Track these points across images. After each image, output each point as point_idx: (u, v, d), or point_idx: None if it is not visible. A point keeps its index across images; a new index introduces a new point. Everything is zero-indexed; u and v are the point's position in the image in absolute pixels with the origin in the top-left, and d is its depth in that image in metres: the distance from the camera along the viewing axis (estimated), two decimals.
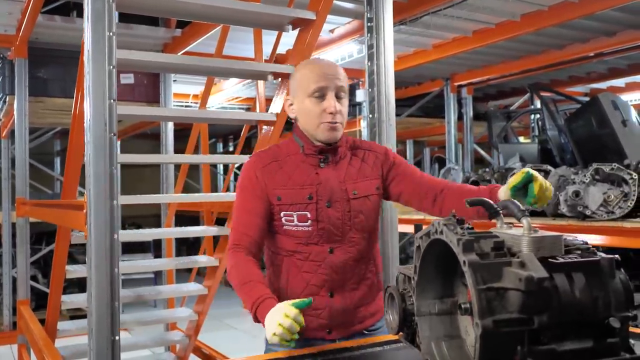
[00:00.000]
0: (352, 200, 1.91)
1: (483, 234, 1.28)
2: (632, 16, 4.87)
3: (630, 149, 5.58)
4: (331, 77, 1.89)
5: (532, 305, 1.15)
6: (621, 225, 3.99)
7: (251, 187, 1.90)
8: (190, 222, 5.35)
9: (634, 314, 1.28)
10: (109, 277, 1.96)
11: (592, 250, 1.33)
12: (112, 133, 2.00)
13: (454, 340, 1.42)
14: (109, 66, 2.01)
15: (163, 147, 5.38)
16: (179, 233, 3.74)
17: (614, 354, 1.22)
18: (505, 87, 8.71)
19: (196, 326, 4.05)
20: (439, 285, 1.46)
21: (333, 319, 1.89)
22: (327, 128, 1.88)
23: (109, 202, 1.98)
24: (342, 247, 1.89)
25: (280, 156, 1.95)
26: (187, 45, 4.92)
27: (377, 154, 2.02)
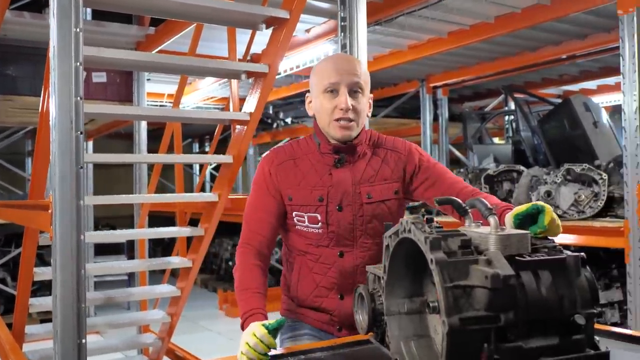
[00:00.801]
0: (365, 205, 1.85)
1: (451, 232, 1.28)
2: (603, 19, 4.94)
3: (601, 150, 5.67)
4: (345, 72, 1.82)
5: (498, 303, 1.15)
6: (591, 224, 4.05)
7: (265, 184, 1.90)
8: (165, 223, 5.30)
9: (599, 311, 1.28)
10: (75, 278, 1.92)
11: (558, 249, 1.33)
12: (78, 131, 1.96)
13: (423, 339, 1.42)
14: (76, 63, 1.97)
15: (136, 147, 5.31)
16: (152, 234, 3.69)
17: (580, 351, 1.23)
18: (480, 89, 8.78)
19: (169, 328, 4.00)
20: (408, 284, 1.46)
21: (344, 319, 1.88)
22: (339, 126, 1.82)
23: (75, 202, 1.94)
24: (352, 252, 1.85)
25: (297, 154, 1.92)
26: (161, 44, 4.86)
27: (400, 155, 1.92)
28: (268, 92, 3.16)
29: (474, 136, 7.72)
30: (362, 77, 1.86)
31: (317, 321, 1.92)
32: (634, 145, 3.72)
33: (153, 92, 7.58)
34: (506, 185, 5.13)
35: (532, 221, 1.47)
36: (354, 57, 1.96)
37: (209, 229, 3.54)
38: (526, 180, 4.76)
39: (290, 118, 8.88)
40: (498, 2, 4.49)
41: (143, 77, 5.32)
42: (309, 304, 1.92)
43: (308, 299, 1.91)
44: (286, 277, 2.00)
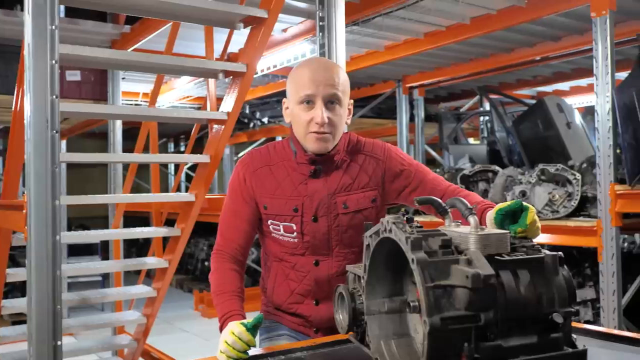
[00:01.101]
0: (341, 215, 1.82)
1: (431, 232, 1.28)
2: (576, 22, 5.01)
3: (574, 150, 5.76)
4: (321, 83, 1.75)
5: (478, 302, 1.16)
6: (565, 224, 4.11)
7: (239, 190, 1.87)
8: (139, 223, 5.24)
9: (576, 309, 1.30)
10: (51, 279, 1.88)
11: (536, 248, 1.35)
12: (54, 130, 1.92)
13: (403, 339, 1.42)
14: (51, 61, 1.94)
15: (111, 146, 5.24)
16: (127, 234, 3.65)
17: (558, 349, 1.25)
18: (456, 89, 8.85)
19: (145, 329, 3.97)
20: (389, 284, 1.46)
21: (320, 323, 1.88)
22: (314, 139, 1.77)
23: (51, 202, 1.91)
24: (328, 261, 1.84)
25: (273, 160, 1.87)
26: (137, 42, 4.81)
27: (379, 161, 1.87)
28: (246, 91, 3.15)
29: (449, 136, 7.78)
30: (340, 87, 1.79)
31: (293, 323, 1.93)
32: (606, 146, 3.78)
33: (128, 90, 7.49)
34: (482, 185, 5.18)
35: (513, 219, 1.47)
36: (333, 64, 1.86)
37: (185, 229, 3.52)
38: (501, 180, 4.81)
39: (267, 118, 8.85)
40: (474, 3, 4.53)
41: (118, 76, 5.25)
42: (284, 309, 1.92)
43: (284, 304, 1.90)
44: (264, 280, 2.00)
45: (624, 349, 1.56)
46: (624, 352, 1.53)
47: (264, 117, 8.78)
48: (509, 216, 1.48)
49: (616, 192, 3.77)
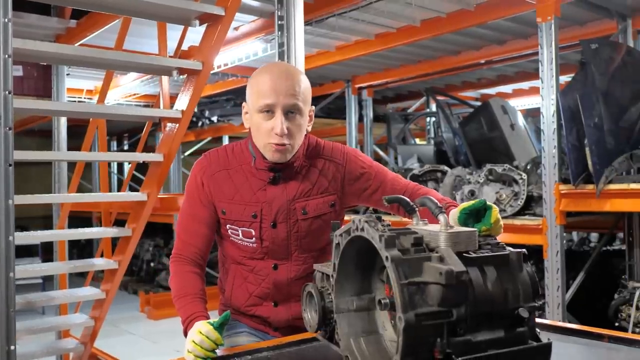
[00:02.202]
0: (300, 221, 1.81)
1: (403, 230, 1.30)
2: (522, 26, 5.18)
3: (517, 151, 5.95)
4: (282, 92, 1.71)
5: (451, 298, 1.18)
6: (512, 222, 4.24)
7: (197, 193, 1.84)
8: (81, 224, 5.08)
9: (539, 304, 1.35)
10: (4, 282, 1.81)
11: (501, 245, 1.39)
12: (7, 127, 1.85)
13: (372, 336, 1.44)
14: (4, 55, 1.86)
15: (55, 144, 5.07)
16: (78, 235, 3.55)
17: (523, 343, 1.29)
18: (403, 90, 8.99)
19: (92, 332, 3.86)
20: (357, 282, 1.47)
21: (279, 323, 1.88)
22: (273, 150, 1.74)
23: (4, 202, 1.83)
24: (287, 265, 1.83)
25: (231, 164, 1.84)
26: (83, 38, 4.68)
27: (338, 165, 1.86)
28: (201, 89, 3.11)
29: (397, 137, 7.91)
30: (301, 97, 1.75)
31: (253, 322, 1.92)
32: (551, 147, 3.93)
33: (71, 87, 7.27)
34: (431, 184, 5.28)
35: (477, 218, 1.50)
36: (294, 72, 1.81)
37: (136, 229, 3.45)
38: (450, 180, 4.92)
39: (216, 117, 8.75)
40: (425, 6, 4.61)
41: (63, 72, 5.09)
42: (243, 311, 1.91)
43: (242, 307, 1.89)
44: (222, 282, 1.98)
45: (577, 342, 1.62)
46: (578, 345, 1.60)
47: (213, 115, 8.69)
48: (473, 215, 1.52)
49: (560, 192, 3.92)
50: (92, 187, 10.56)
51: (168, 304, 7.90)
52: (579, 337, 1.67)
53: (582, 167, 3.77)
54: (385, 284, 1.41)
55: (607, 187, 3.68)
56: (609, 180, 3.67)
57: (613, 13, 4.76)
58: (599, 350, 1.55)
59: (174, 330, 1.90)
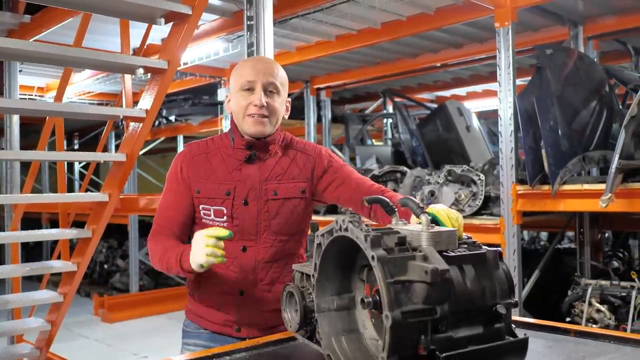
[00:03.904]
0: (271, 201, 1.89)
1: (385, 230, 1.33)
2: (479, 31, 5.30)
3: (473, 152, 6.09)
4: (261, 71, 1.88)
5: (435, 296, 1.22)
6: (471, 222, 4.34)
7: (176, 180, 1.95)
8: (30, 225, 4.95)
9: (515, 300, 1.40)
10: None
11: (477, 244, 1.43)
12: None
13: (353, 335, 1.46)
14: None
15: (7, 143, 4.92)
16: (37, 236, 3.45)
17: (501, 338, 1.33)
18: (360, 92, 9.07)
19: (49, 337, 3.76)
20: (337, 282, 1.49)
21: (240, 317, 1.91)
22: (252, 121, 1.86)
23: None
24: (255, 247, 1.89)
25: (210, 149, 1.96)
26: (38, 34, 4.56)
27: (309, 157, 1.98)
28: (166, 89, 3.08)
29: (355, 137, 7.98)
30: (279, 79, 1.92)
31: (215, 324, 1.94)
32: (509, 149, 4.04)
33: (22, 84, 7.05)
34: (390, 185, 5.35)
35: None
36: (273, 61, 2.03)
37: (97, 230, 3.38)
38: (410, 181, 5.00)
39: (174, 116, 8.63)
40: (386, 9, 4.67)
41: (15, 68, 4.94)
42: (208, 300, 1.94)
43: (208, 294, 1.94)
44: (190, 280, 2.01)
45: (545, 337, 1.69)
46: (547, 340, 1.66)
47: (171, 115, 8.57)
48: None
49: (517, 192, 4.03)
50: (42, 187, 10.26)
51: (123, 307, 7.76)
52: (546, 332, 1.74)
53: (538, 168, 3.89)
54: (366, 284, 1.44)
55: (561, 187, 3.81)
56: (563, 181, 3.80)
57: (565, 20, 4.93)
58: (567, 345, 1.61)
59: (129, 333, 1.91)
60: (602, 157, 3.99)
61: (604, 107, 4.22)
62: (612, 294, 3.99)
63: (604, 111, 4.18)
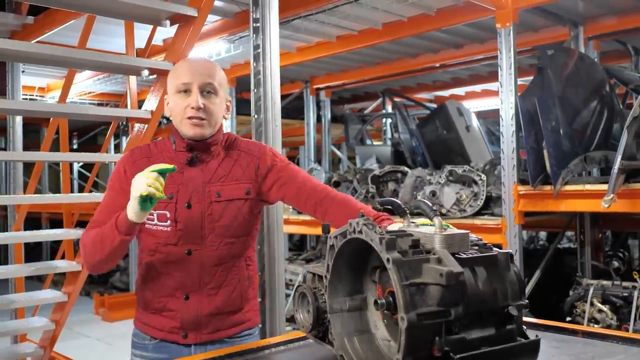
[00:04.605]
0: (214, 203, 1.86)
1: (399, 232, 1.35)
2: (479, 31, 5.33)
3: (472, 152, 6.11)
4: (197, 72, 1.84)
5: (449, 298, 1.23)
6: (472, 222, 4.37)
7: (119, 181, 1.89)
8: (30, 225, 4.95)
9: (526, 302, 1.42)
10: None
11: (488, 246, 1.45)
12: None
13: (365, 335, 1.48)
14: None
15: (10, 144, 4.93)
16: (42, 236, 3.46)
17: (513, 340, 1.35)
18: (359, 92, 9.09)
19: (52, 336, 3.78)
20: (349, 283, 1.51)
21: (186, 322, 1.87)
22: (190, 124, 1.83)
23: None
24: (200, 251, 1.85)
25: (153, 153, 1.93)
26: (41, 35, 4.57)
27: (252, 157, 1.94)
28: None
29: (355, 137, 8.00)
30: (217, 80, 1.88)
31: (161, 331, 1.91)
32: (510, 149, 4.06)
33: (23, 84, 7.06)
34: (391, 185, 5.37)
35: None
36: (211, 62, 1.97)
37: None
38: (411, 181, 5.02)
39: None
40: (388, 10, 4.69)
41: (18, 69, 4.96)
42: (154, 306, 1.91)
43: (154, 299, 1.90)
44: (138, 281, 1.98)
45: (553, 337, 1.71)
46: (555, 340, 1.68)
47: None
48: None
49: (519, 193, 4.06)
50: (42, 187, 10.26)
51: (123, 306, 7.77)
52: (552, 332, 1.76)
53: (540, 168, 3.91)
54: (378, 285, 1.46)
55: (563, 188, 3.83)
56: (565, 181, 3.82)
57: (566, 20, 4.96)
58: (575, 345, 1.63)
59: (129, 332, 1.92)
60: (603, 157, 4.02)
61: (604, 107, 4.25)
62: (613, 294, 4.02)
63: (605, 111, 4.22)
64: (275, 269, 2.70)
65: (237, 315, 1.92)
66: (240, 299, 1.92)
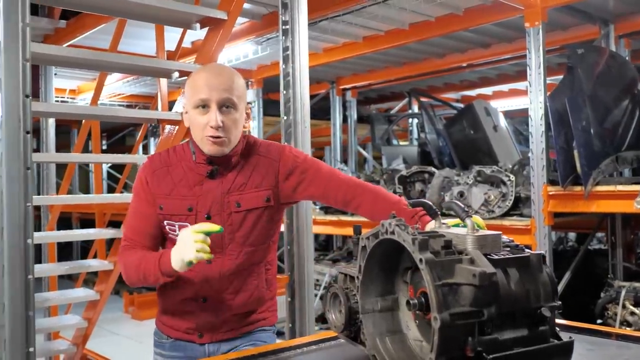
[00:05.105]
0: (234, 214, 1.84)
1: (431, 233, 1.36)
2: (508, 30, 5.29)
3: (500, 152, 6.07)
4: (215, 87, 1.77)
5: (482, 299, 1.24)
6: (501, 223, 4.34)
7: (142, 192, 1.87)
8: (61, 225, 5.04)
9: (559, 303, 1.41)
10: (24, 284, 1.82)
11: (520, 247, 1.45)
12: (25, 131, 1.86)
13: (397, 335, 1.49)
14: (23, 60, 1.87)
15: (43, 145, 5.04)
16: (76, 236, 3.54)
17: (545, 341, 1.35)
18: (386, 92, 9.08)
19: (85, 334, 3.86)
20: (381, 283, 1.52)
21: (202, 324, 1.89)
22: (210, 142, 1.78)
23: (23, 204, 1.84)
24: (220, 259, 1.84)
25: (172, 161, 1.89)
26: (73, 38, 4.66)
27: (272, 161, 1.90)
28: None
29: (382, 137, 8.00)
30: (235, 92, 1.81)
31: (178, 331, 1.92)
32: (540, 149, 4.03)
33: (55, 87, 7.21)
34: (418, 185, 5.36)
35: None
36: (229, 70, 1.87)
37: None
38: (438, 181, 5.00)
39: None
40: (415, 10, 4.69)
41: (51, 72, 5.07)
42: (172, 308, 1.92)
43: (172, 302, 1.91)
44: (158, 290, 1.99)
45: (585, 340, 1.70)
46: (587, 343, 1.67)
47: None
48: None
49: (548, 193, 4.02)
50: (72, 187, 10.45)
51: (152, 305, 7.83)
52: (586, 335, 1.75)
53: (570, 169, 3.87)
54: (409, 285, 1.47)
55: (594, 188, 3.79)
56: (596, 181, 3.78)
57: (596, 18, 4.90)
58: (609, 348, 1.62)
59: None
60: (635, 157, 3.97)
61: (636, 106, 4.19)
62: None
63: (637, 110, 4.16)
64: (304, 269, 2.72)
65: (253, 315, 1.93)
66: (257, 302, 1.93)
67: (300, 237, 2.72)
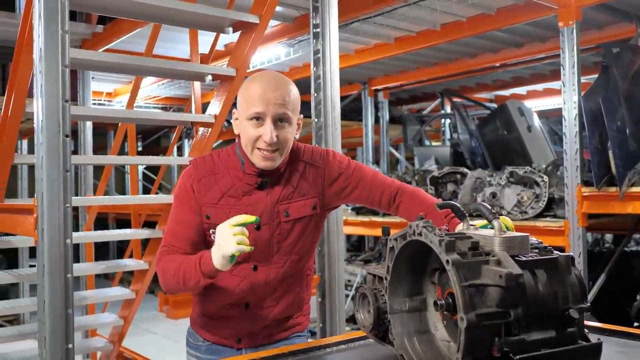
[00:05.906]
0: (283, 223, 1.84)
1: (458, 235, 1.37)
2: (541, 30, 5.23)
3: (535, 152, 6.00)
4: (271, 101, 1.73)
5: (508, 300, 1.25)
6: (534, 224, 4.29)
7: (187, 199, 1.84)
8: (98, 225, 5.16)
9: (587, 305, 1.41)
10: (63, 283, 1.89)
11: (549, 249, 1.45)
12: (65, 135, 1.93)
13: (424, 335, 1.51)
14: (62, 66, 1.95)
15: (81, 147, 5.18)
16: (113, 236, 3.64)
17: (574, 342, 1.35)
18: (418, 92, 9.04)
19: (121, 332, 3.95)
20: (409, 284, 1.54)
21: (242, 330, 1.89)
22: (261, 156, 1.77)
23: (63, 206, 1.91)
24: (266, 267, 1.85)
25: (218, 169, 1.86)
26: (109, 43, 4.77)
27: (318, 168, 1.90)
28: (234, 95, 3.17)
29: (414, 138, 7.98)
30: (290, 106, 1.78)
31: (215, 335, 1.93)
32: (574, 150, 3.98)
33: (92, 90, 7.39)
34: (450, 186, 5.34)
35: None
36: (284, 81, 1.81)
37: None
38: (470, 182, 4.98)
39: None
40: (446, 10, 4.67)
41: (88, 76, 5.20)
42: (212, 313, 1.92)
43: (213, 307, 1.91)
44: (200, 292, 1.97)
45: (617, 342, 1.68)
46: (618, 345, 1.66)
47: (230, 117, 8.79)
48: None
49: (582, 194, 3.97)
50: (109, 188, 10.68)
51: (187, 304, 7.98)
52: (617, 337, 1.73)
53: (604, 169, 3.82)
54: (437, 286, 1.48)
55: (630, 189, 3.73)
56: (632, 182, 3.72)
57: (632, 17, 4.81)
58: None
59: None
60: None
61: None
62: None
63: None
64: (335, 270, 2.75)
65: (290, 320, 1.95)
66: (297, 306, 1.94)
67: (331, 237, 2.75)
